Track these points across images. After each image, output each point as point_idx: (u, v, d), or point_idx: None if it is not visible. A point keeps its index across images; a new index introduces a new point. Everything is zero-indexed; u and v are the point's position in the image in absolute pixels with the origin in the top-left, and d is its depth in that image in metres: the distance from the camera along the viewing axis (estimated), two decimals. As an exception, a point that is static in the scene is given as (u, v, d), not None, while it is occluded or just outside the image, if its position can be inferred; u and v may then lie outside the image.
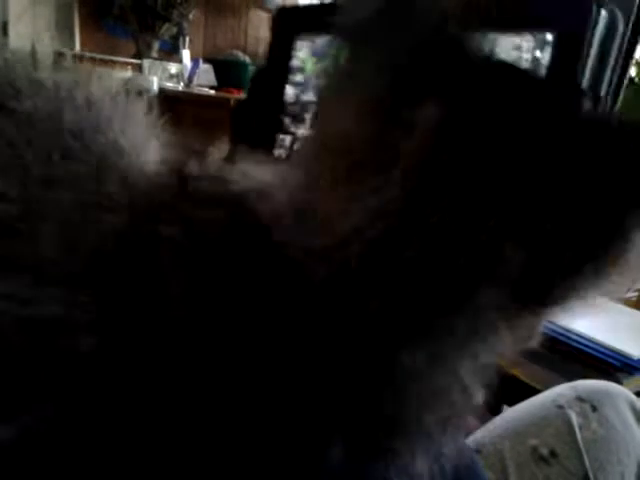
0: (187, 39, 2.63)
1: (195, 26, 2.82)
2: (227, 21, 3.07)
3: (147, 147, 0.32)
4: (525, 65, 0.60)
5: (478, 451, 0.49)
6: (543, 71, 0.60)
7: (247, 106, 0.95)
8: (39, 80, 0.32)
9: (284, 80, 0.84)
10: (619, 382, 0.76)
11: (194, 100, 2.32)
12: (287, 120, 0.84)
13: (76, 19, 2.51)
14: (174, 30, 2.61)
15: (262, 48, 3.20)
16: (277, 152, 0.85)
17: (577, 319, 0.56)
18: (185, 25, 2.65)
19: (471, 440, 0.52)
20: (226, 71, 2.67)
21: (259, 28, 3.16)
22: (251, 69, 2.55)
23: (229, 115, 2.13)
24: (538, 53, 0.60)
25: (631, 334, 0.90)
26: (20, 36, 2.21)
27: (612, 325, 0.91)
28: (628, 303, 1.11)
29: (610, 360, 0.83)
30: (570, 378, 0.58)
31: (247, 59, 2.93)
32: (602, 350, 0.83)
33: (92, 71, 0.37)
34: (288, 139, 0.84)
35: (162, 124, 0.36)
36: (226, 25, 3.07)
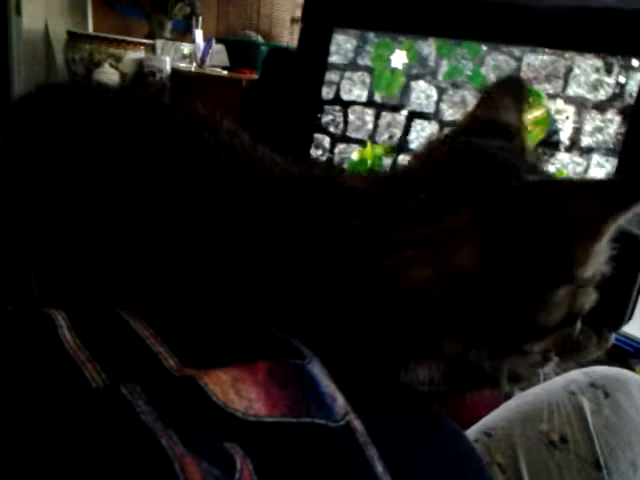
0: (200, 19, 2.61)
1: (208, 6, 2.79)
2: (240, 1, 3.03)
3: None
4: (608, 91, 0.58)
5: (488, 435, 0.50)
6: (628, 98, 0.57)
7: (260, 88, 0.92)
8: None
9: (321, 77, 0.81)
10: (632, 368, 0.76)
11: (207, 80, 2.31)
12: (326, 119, 0.83)
13: (89, -1, 2.50)
14: (187, 10, 2.59)
15: (275, 28, 3.17)
16: (313, 152, 0.85)
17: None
18: (198, 5, 2.62)
19: (482, 424, 0.52)
20: (239, 51, 2.65)
21: (272, 8, 3.12)
22: (264, 49, 2.53)
23: (241, 95, 2.12)
24: (622, 78, 0.57)
25: (645, 320, 0.89)
26: (33, 16, 2.20)
27: (626, 311, 0.91)
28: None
29: (623, 346, 0.82)
30: (583, 364, 0.57)
31: (260, 39, 2.90)
32: (615, 336, 0.83)
33: None
34: (327, 140, 0.83)
35: None
36: (239, 5, 3.04)
